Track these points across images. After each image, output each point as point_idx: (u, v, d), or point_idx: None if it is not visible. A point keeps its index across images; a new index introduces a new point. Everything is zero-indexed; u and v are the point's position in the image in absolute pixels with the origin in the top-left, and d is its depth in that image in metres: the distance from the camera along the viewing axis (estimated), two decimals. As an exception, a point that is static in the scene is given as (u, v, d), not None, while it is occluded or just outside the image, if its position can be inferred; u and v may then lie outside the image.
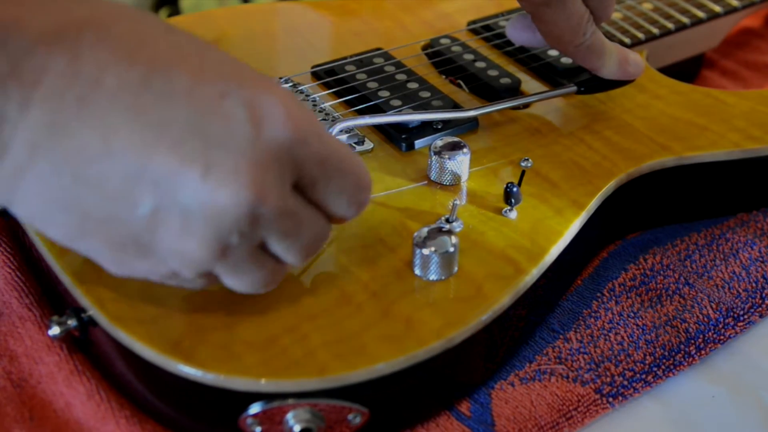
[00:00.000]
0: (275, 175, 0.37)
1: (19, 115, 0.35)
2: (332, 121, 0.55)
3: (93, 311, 0.44)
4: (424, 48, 0.66)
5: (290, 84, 0.59)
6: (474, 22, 0.69)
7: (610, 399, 0.48)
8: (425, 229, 0.47)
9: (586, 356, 0.50)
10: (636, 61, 0.58)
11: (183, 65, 0.37)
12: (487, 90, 0.61)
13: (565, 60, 0.63)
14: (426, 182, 0.53)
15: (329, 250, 0.48)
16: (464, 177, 0.53)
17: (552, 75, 0.62)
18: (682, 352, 0.50)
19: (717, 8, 0.70)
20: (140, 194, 0.36)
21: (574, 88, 0.59)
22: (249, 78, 0.38)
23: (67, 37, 0.35)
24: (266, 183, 0.37)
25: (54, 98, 0.35)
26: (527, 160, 0.52)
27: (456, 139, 0.53)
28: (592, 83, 0.59)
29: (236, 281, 0.41)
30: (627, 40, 0.66)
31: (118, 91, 0.35)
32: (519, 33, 0.58)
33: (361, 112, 0.58)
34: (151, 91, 0.36)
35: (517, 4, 0.70)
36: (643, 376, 0.49)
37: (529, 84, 0.62)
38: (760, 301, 0.53)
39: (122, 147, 0.35)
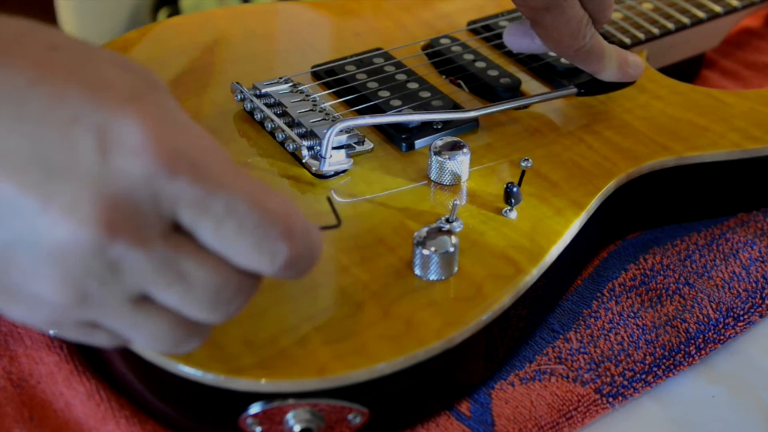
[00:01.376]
0: (130, 212, 0.33)
1: None
2: (332, 121, 0.55)
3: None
4: (424, 48, 0.66)
5: (290, 84, 0.59)
6: (474, 22, 0.69)
7: (610, 399, 0.48)
8: (425, 229, 0.47)
9: (586, 356, 0.50)
10: (636, 63, 0.58)
11: (44, 85, 0.33)
12: (487, 90, 0.61)
13: (565, 60, 0.63)
14: (426, 182, 0.53)
15: (329, 250, 0.48)
16: (464, 177, 0.53)
17: (552, 75, 0.62)
18: (682, 352, 0.50)
19: (717, 8, 0.70)
20: None
21: (574, 90, 0.59)
22: (118, 95, 0.34)
23: None
24: (116, 221, 0.33)
25: None
26: (527, 160, 0.52)
27: (456, 139, 0.53)
28: (593, 85, 0.59)
29: (133, 336, 0.36)
30: (627, 40, 0.66)
31: None
32: (517, 40, 0.58)
33: (361, 112, 0.58)
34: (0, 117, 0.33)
35: (517, 4, 0.70)
36: (643, 376, 0.49)
37: (529, 84, 0.62)
38: (760, 301, 0.53)
39: None
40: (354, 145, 0.54)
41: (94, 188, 0.32)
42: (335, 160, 0.53)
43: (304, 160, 0.53)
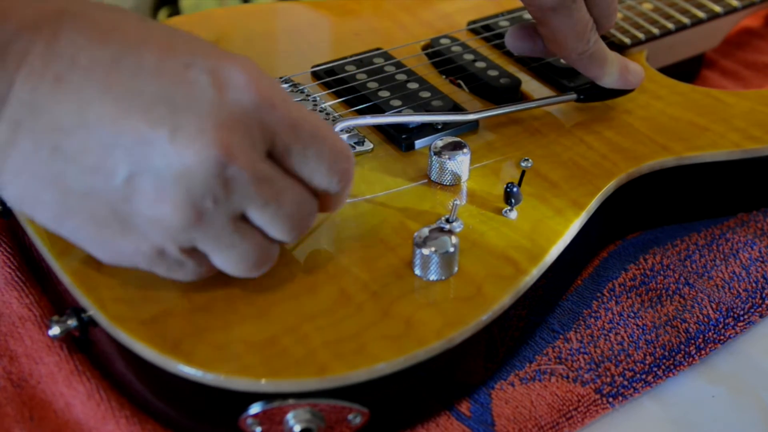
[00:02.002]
0: (243, 136, 0.39)
1: (4, 95, 0.38)
2: (332, 121, 0.55)
3: (93, 311, 0.44)
4: (424, 48, 0.66)
5: (290, 84, 0.59)
6: (474, 22, 0.69)
7: (610, 399, 0.48)
8: (425, 229, 0.47)
9: (586, 356, 0.50)
10: (636, 70, 0.58)
11: (151, 45, 0.39)
12: (487, 90, 0.61)
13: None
14: (426, 182, 0.53)
15: (330, 249, 0.48)
16: (464, 177, 0.53)
17: (552, 75, 0.62)
18: (682, 352, 0.50)
19: (717, 8, 0.70)
20: (115, 163, 0.38)
21: (574, 96, 0.59)
22: (214, 52, 0.40)
23: (47, 23, 0.38)
24: (233, 143, 0.38)
25: (33, 77, 0.38)
26: (527, 160, 0.52)
27: (456, 139, 0.53)
28: (592, 91, 0.59)
29: (224, 257, 0.41)
30: (627, 40, 0.66)
31: (91, 69, 0.38)
32: (519, 42, 0.58)
33: (361, 112, 0.58)
34: (121, 68, 0.38)
35: (517, 4, 0.70)
36: (643, 376, 0.49)
37: (529, 84, 0.62)
38: (760, 301, 0.53)
39: (96, 118, 0.38)
40: (354, 145, 0.54)
41: (215, 117, 0.38)
42: None
43: None
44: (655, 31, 0.68)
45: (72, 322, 0.45)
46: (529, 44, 0.58)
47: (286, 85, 0.59)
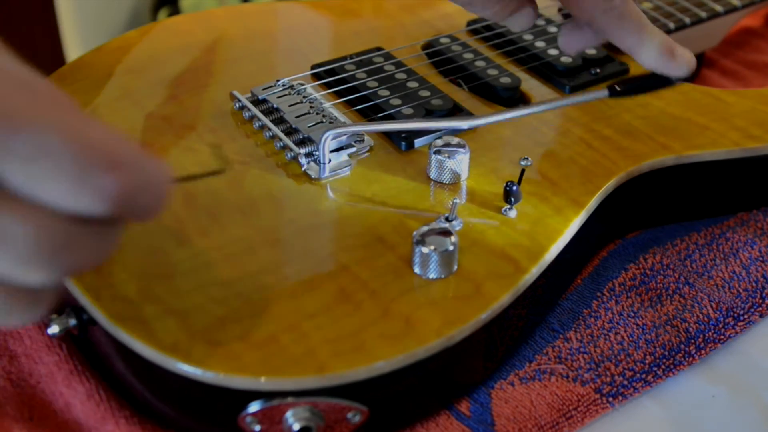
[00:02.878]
0: None
1: None
2: (329, 123, 0.55)
3: (92, 310, 0.44)
4: (424, 47, 0.66)
5: (289, 86, 0.59)
6: (474, 21, 0.69)
7: (610, 399, 0.48)
8: (425, 228, 0.47)
9: (586, 356, 0.50)
10: (684, 57, 0.50)
11: None
12: (486, 89, 0.61)
13: (565, 59, 0.63)
14: (426, 181, 0.53)
15: (329, 248, 0.48)
16: (464, 175, 0.53)
17: (552, 74, 0.62)
18: (682, 351, 0.50)
19: (717, 7, 0.71)
20: None
21: (605, 93, 0.51)
22: None
23: None
24: None
25: None
26: (527, 158, 0.52)
27: (456, 138, 0.53)
28: (624, 85, 0.51)
29: None
30: (627, 40, 0.66)
31: None
32: (571, 41, 0.54)
33: (361, 112, 0.58)
34: None
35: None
36: (643, 376, 0.49)
37: (529, 83, 0.62)
38: (760, 301, 0.53)
39: None
40: (354, 144, 0.54)
41: None
42: (335, 164, 0.52)
43: (303, 168, 0.53)
44: (655, 30, 0.67)
45: (72, 321, 0.45)
46: (581, 38, 0.54)
47: (284, 88, 0.59)
